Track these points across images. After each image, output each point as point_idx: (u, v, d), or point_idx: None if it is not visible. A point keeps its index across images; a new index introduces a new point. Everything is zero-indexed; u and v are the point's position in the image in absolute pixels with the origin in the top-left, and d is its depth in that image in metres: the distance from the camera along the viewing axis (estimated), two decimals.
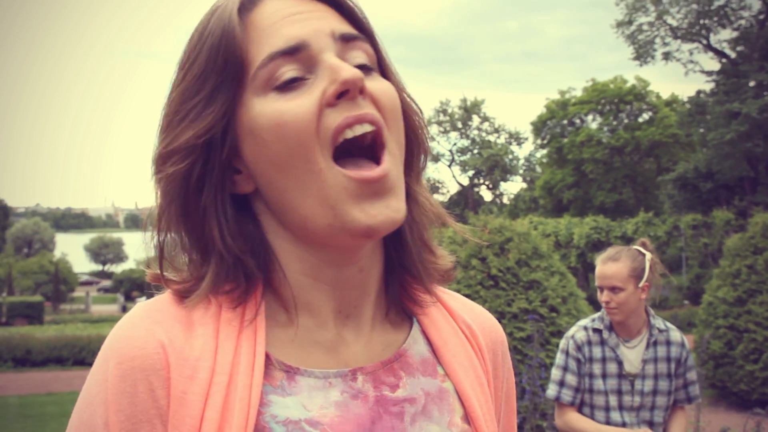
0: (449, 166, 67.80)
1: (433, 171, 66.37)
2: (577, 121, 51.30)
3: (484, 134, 66.65)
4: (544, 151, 55.23)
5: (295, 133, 0.99)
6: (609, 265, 3.94)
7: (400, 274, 1.16)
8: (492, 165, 63.94)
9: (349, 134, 1.00)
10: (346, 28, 1.07)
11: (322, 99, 1.00)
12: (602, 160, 48.15)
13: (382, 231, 1.02)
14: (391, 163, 1.03)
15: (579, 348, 4.02)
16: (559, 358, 4.09)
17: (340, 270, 1.09)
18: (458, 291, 10.19)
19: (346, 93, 1.00)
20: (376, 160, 1.03)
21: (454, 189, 68.51)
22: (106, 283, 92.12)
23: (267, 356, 1.07)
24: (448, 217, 1.19)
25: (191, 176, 1.05)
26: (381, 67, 1.12)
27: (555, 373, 4.08)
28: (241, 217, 1.10)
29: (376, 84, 1.05)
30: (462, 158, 66.71)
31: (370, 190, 1.00)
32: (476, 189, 68.24)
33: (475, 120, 66.32)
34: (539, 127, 53.15)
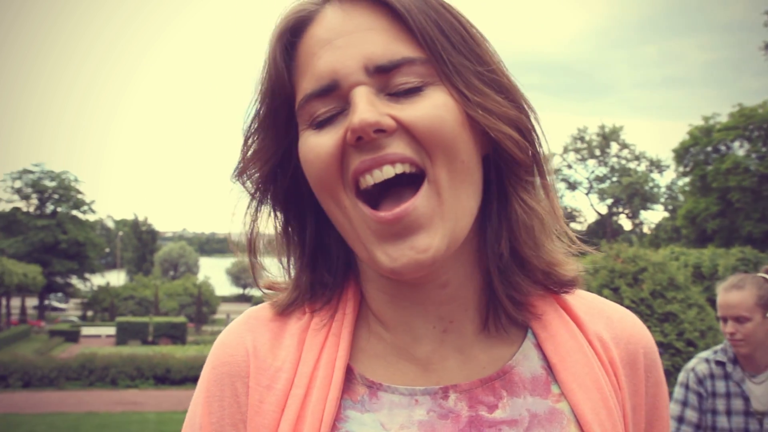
0: (587, 194, 66.54)
1: (570, 199, 65.27)
2: (723, 147, 49.19)
3: (623, 162, 65.05)
4: (687, 179, 53.21)
5: (317, 170, 0.98)
6: (733, 294, 3.66)
7: (503, 283, 1.06)
8: (631, 193, 62.30)
9: (370, 181, 0.95)
10: (387, 55, 0.96)
11: (343, 138, 0.96)
12: (750, 188, 45.92)
13: (407, 274, 0.96)
14: (429, 194, 0.95)
15: (700, 382, 3.75)
16: (678, 392, 3.83)
17: (416, 289, 1.04)
18: None
19: (361, 138, 0.94)
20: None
21: (591, 218, 67.13)
22: (246, 307, 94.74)
23: (350, 370, 1.05)
24: (565, 227, 1.10)
25: (265, 196, 1.10)
26: (449, 76, 0.99)
27: (673, 408, 3.80)
28: (330, 225, 1.08)
29: (412, 109, 0.95)
30: (600, 186, 65.35)
31: (390, 231, 0.95)
32: (615, 218, 66.56)
33: (614, 147, 64.92)
34: (682, 154, 51.27)
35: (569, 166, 67.23)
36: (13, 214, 61.75)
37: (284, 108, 1.03)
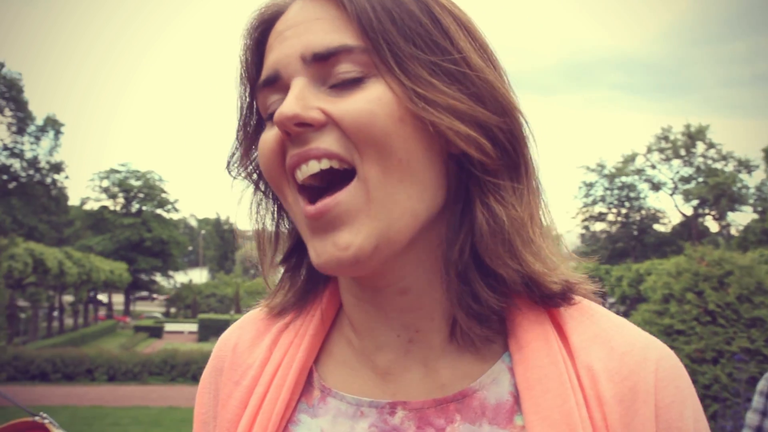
0: (671, 195, 64.99)
1: (653, 200, 63.88)
2: None
3: (709, 162, 63.33)
4: None
5: (264, 164, 0.95)
6: None
7: (458, 293, 0.95)
8: (718, 194, 60.49)
9: (299, 176, 0.91)
10: (324, 42, 0.90)
11: (280, 136, 0.93)
12: None
13: (330, 271, 0.91)
14: (357, 191, 0.87)
15: None
16: (757, 401, 3.62)
17: (376, 293, 0.98)
18: (671, 326, 9.73)
19: (288, 133, 0.90)
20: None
21: (676, 219, 65.57)
22: None
23: (312, 372, 1.03)
24: (550, 240, 0.98)
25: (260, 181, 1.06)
26: (389, 67, 0.90)
27: (750, 418, 3.61)
28: None
29: (345, 103, 0.89)
30: (685, 187, 63.71)
31: (315, 225, 0.91)
32: (701, 219, 64.79)
33: (700, 147, 63.22)
34: None
35: (653, 167, 65.87)
36: (100, 213, 63.68)
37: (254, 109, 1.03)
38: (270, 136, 0.94)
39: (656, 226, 68.49)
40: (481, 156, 0.91)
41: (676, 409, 0.92)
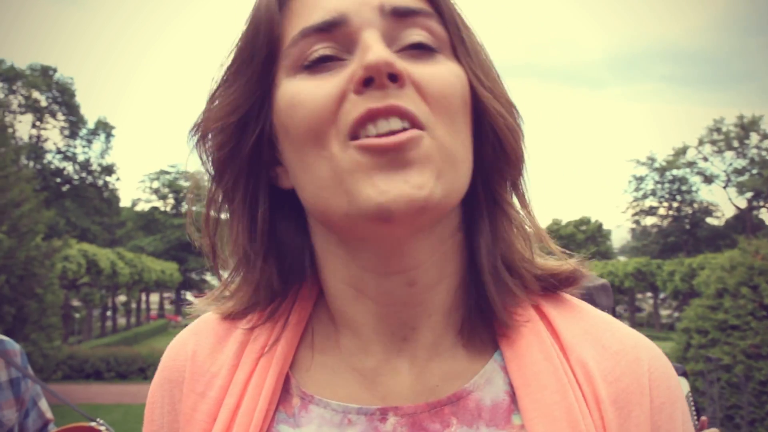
0: (724, 187, 63.82)
1: (706, 193, 62.85)
2: None
3: (763, 153, 62.02)
4: None
5: (306, 116, 0.84)
6: None
7: (478, 291, 0.93)
8: None
9: (372, 131, 0.82)
10: (403, 0, 0.86)
11: (347, 83, 0.83)
12: None
13: (396, 211, 0.80)
14: (428, 141, 0.82)
15: None
16: None
17: (382, 280, 0.90)
18: (725, 321, 9.54)
19: (371, 81, 0.82)
20: None
21: (729, 212, 64.38)
22: None
23: (288, 379, 0.94)
24: (547, 239, 0.99)
25: (221, 158, 0.94)
26: (457, 49, 0.90)
27: None
28: (283, 215, 0.97)
29: (426, 69, 0.85)
30: (739, 179, 62.49)
31: (384, 160, 0.81)
32: (755, 212, 63.52)
33: (753, 138, 61.91)
34: None
35: (705, 159, 64.72)
36: (151, 214, 64.59)
37: (266, 48, 0.90)
38: (325, 85, 0.84)
39: (709, 220, 67.31)
40: (517, 154, 0.93)
41: (667, 411, 0.89)
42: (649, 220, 69.11)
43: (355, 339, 0.94)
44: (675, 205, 66.98)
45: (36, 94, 54.94)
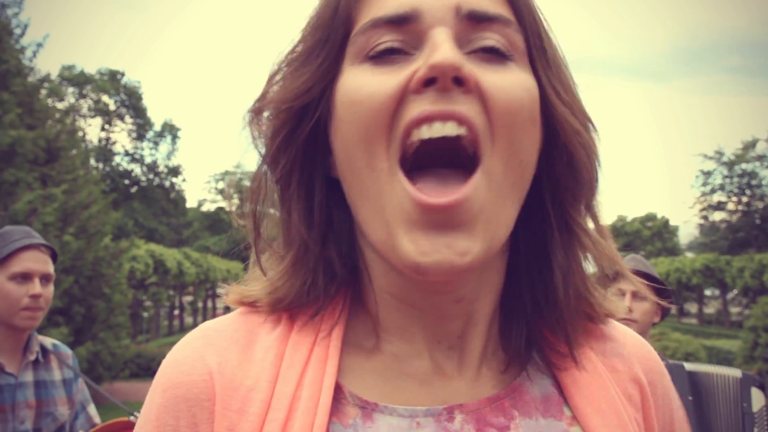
0: None
1: None
2: None
3: None
4: None
5: (365, 112, 0.81)
6: None
7: (525, 309, 0.95)
8: None
9: (425, 133, 0.79)
10: (483, 4, 0.83)
11: (408, 80, 0.80)
12: None
13: (433, 275, 0.79)
14: (482, 187, 0.80)
15: None
16: None
17: (429, 297, 0.89)
18: None
19: (434, 81, 0.78)
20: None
21: None
22: None
23: (339, 388, 0.89)
24: (622, 265, 0.97)
25: (279, 142, 0.90)
26: (535, 59, 0.87)
27: None
28: (337, 203, 0.92)
29: (495, 77, 0.81)
30: None
31: (430, 219, 0.78)
32: None
33: None
34: None
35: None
36: (216, 214, 65.59)
37: (339, 36, 0.87)
38: (386, 80, 0.81)
39: None
40: (591, 176, 0.90)
41: (669, 394, 1.04)
42: (717, 216, 67.57)
43: (405, 345, 0.92)
44: (744, 199, 65.35)
45: (105, 98, 56.28)
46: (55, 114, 17.77)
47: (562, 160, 0.89)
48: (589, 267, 0.96)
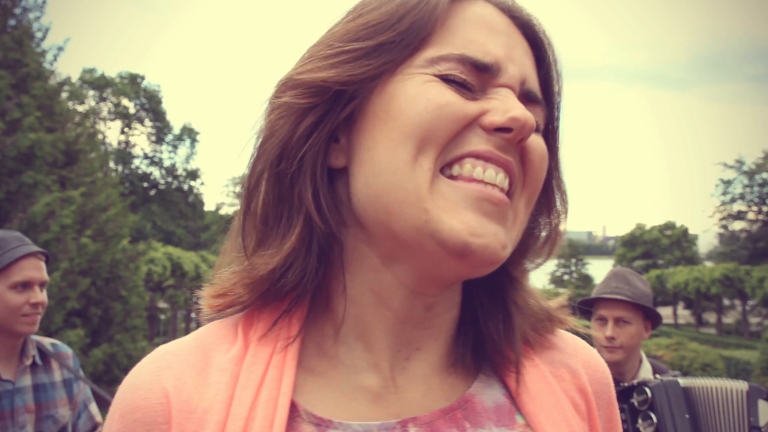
0: None
1: None
2: None
3: None
4: None
5: (436, 117, 0.86)
6: None
7: (477, 324, 1.02)
8: None
9: (478, 174, 0.88)
10: (536, 86, 0.96)
11: (479, 116, 0.89)
12: None
13: (479, 257, 0.86)
14: (509, 221, 0.91)
15: None
16: None
17: (408, 299, 0.94)
18: None
19: (506, 131, 0.88)
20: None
21: None
22: None
23: (294, 406, 0.90)
24: (557, 313, 1.07)
25: (304, 118, 0.92)
26: (549, 138, 1.00)
27: None
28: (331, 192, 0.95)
29: (536, 141, 0.93)
30: None
31: (483, 207, 0.87)
32: None
33: None
34: None
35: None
36: (234, 217, 65.56)
37: (411, 45, 0.91)
38: (464, 103, 0.89)
39: None
40: (552, 242, 1.03)
41: (612, 403, 1.09)
42: (737, 225, 67.05)
43: (363, 354, 0.94)
44: (765, 209, 64.83)
45: (125, 102, 56.62)
46: (74, 117, 17.92)
47: (542, 221, 1.04)
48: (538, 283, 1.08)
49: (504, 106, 0.88)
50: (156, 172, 60.05)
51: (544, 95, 0.98)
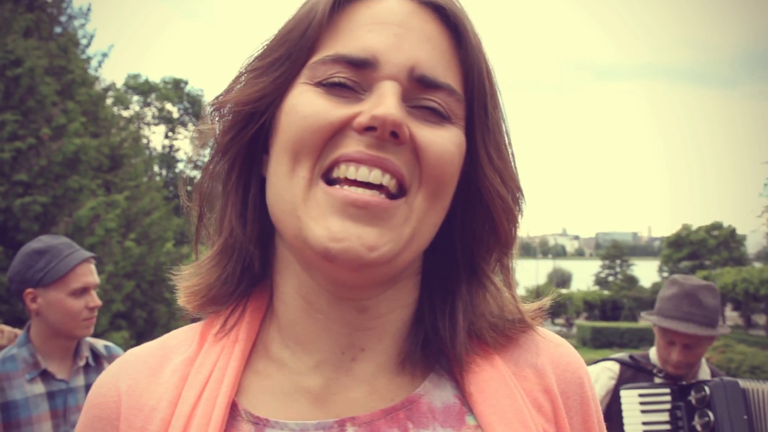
0: None
1: None
2: None
3: None
4: None
5: (306, 128, 0.89)
6: None
7: (431, 325, 1.00)
8: None
9: (352, 174, 0.88)
10: (435, 72, 0.92)
11: (351, 117, 0.89)
12: None
13: (342, 262, 0.86)
14: (402, 212, 0.89)
15: None
16: None
17: (335, 303, 0.95)
18: None
19: (374, 129, 0.87)
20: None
21: None
22: None
23: (235, 406, 0.94)
24: (526, 315, 1.04)
25: (224, 135, 0.98)
26: (473, 126, 0.96)
27: None
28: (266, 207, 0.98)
29: (431, 134, 0.91)
30: None
31: (347, 210, 0.87)
32: None
33: None
34: None
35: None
36: None
37: (302, 57, 0.94)
38: (333, 109, 0.89)
39: None
40: (508, 238, 1.00)
41: (585, 402, 1.04)
42: None
43: (306, 356, 0.96)
44: None
45: (168, 106, 57.32)
46: (119, 122, 18.18)
47: (481, 217, 0.98)
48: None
49: (371, 104, 0.88)
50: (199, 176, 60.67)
51: (467, 80, 0.96)
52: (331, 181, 0.90)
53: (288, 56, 0.94)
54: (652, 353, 3.90)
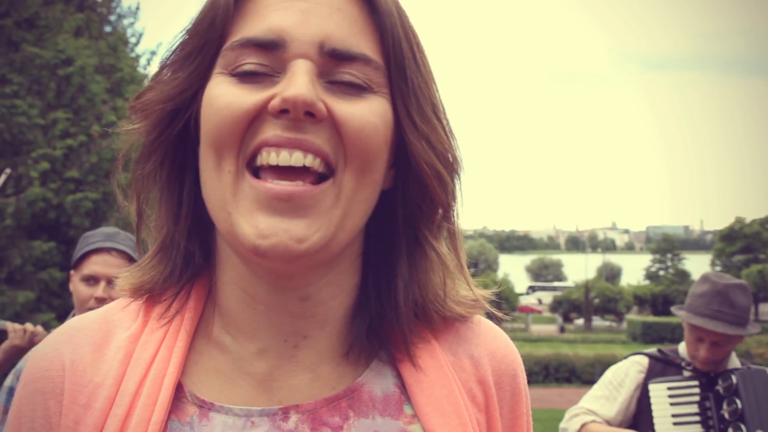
0: None
1: None
2: None
3: None
4: None
5: (221, 121, 0.88)
6: None
7: (373, 311, 0.99)
8: None
9: (273, 160, 0.86)
10: (347, 43, 0.90)
11: (265, 102, 0.87)
12: None
13: (271, 258, 0.86)
14: (330, 194, 0.88)
15: None
16: None
17: (275, 293, 0.94)
18: None
19: (287, 112, 0.86)
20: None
21: None
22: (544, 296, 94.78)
23: (181, 387, 0.94)
24: (471, 282, 1.04)
25: (151, 139, 0.96)
26: (397, 95, 0.94)
27: None
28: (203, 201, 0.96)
29: (350, 107, 0.89)
30: None
31: (273, 205, 0.86)
32: None
33: None
34: None
35: None
36: None
37: (213, 47, 0.92)
38: (245, 97, 0.88)
39: None
40: (445, 200, 0.97)
41: (516, 394, 1.05)
42: None
43: (249, 343, 0.96)
44: None
45: None
46: None
47: (414, 184, 0.95)
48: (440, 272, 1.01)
49: (283, 86, 0.86)
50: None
51: (385, 49, 0.93)
52: (257, 170, 0.88)
53: (201, 47, 0.92)
54: (682, 347, 3.89)
